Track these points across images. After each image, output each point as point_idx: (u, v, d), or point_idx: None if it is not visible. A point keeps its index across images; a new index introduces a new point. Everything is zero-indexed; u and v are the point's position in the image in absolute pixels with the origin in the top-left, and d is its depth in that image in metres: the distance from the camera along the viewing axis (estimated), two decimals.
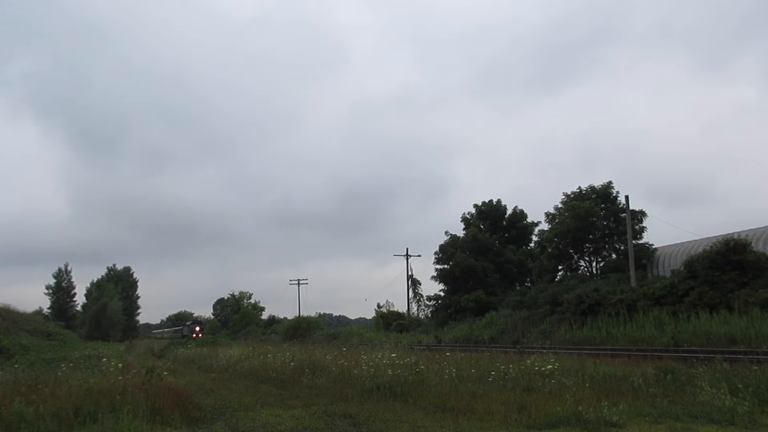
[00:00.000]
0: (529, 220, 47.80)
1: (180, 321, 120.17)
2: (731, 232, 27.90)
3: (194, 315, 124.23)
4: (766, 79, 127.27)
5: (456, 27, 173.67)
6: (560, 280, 38.62)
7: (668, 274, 29.37)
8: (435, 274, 46.50)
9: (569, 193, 38.28)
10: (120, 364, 16.16)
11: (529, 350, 17.96)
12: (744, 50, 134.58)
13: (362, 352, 17.42)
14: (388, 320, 52.30)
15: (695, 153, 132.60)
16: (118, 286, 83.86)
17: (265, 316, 77.13)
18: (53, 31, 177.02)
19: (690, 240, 32.82)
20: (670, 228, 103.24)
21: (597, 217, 36.26)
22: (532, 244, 46.79)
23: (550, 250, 38.69)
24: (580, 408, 8.54)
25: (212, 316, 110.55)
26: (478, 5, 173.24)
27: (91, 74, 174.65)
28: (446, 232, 47.85)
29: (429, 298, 49.44)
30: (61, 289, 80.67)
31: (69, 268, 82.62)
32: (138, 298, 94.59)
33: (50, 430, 8.01)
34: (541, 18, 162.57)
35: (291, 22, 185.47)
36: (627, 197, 32.35)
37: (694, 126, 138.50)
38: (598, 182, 38.39)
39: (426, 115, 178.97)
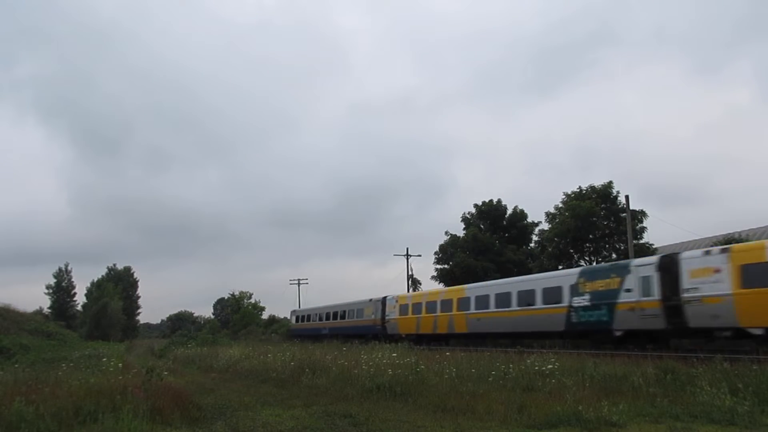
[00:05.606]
0: (529, 219, 47.84)
1: (180, 321, 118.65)
2: (731, 231, 27.95)
3: (194, 315, 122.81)
4: (760, 82, 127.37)
5: (455, 30, 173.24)
6: None
7: None
8: (435, 274, 46.55)
9: (569, 192, 38.33)
10: (120, 364, 16.17)
11: (529, 350, 17.94)
12: (737, 54, 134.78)
13: (362, 352, 17.41)
14: None
15: (691, 154, 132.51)
16: (118, 286, 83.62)
17: (265, 316, 76.86)
18: (58, 36, 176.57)
19: (690, 240, 32.86)
20: (670, 228, 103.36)
21: (597, 217, 36.27)
22: (532, 244, 46.78)
23: (550, 249, 38.67)
24: (580, 408, 8.55)
25: (212, 316, 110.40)
26: (477, 9, 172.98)
27: (95, 77, 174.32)
28: (446, 232, 47.88)
29: None
30: (62, 289, 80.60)
31: (69, 267, 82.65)
32: (138, 298, 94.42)
33: (50, 429, 8.00)
34: (539, 21, 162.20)
35: (291, 25, 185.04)
36: (627, 197, 32.37)
37: (689, 128, 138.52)
38: (597, 182, 38.46)
39: (425, 116, 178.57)
